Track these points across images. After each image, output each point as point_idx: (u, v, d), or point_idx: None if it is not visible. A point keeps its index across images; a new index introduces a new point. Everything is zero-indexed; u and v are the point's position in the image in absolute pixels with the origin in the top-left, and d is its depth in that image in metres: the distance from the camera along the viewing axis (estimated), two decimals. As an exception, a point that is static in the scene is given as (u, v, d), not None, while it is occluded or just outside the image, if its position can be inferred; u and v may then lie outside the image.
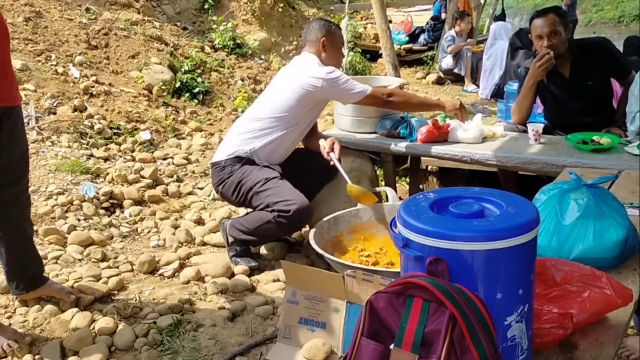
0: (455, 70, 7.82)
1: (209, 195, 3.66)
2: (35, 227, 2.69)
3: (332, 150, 2.86)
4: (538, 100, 3.39)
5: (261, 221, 2.66)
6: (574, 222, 1.55)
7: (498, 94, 6.83)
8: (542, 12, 3.13)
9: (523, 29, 6.67)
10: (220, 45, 6.59)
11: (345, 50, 6.96)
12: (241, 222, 2.77)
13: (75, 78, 4.67)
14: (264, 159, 2.79)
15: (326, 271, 1.67)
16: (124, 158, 3.98)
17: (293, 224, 2.69)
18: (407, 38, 9.02)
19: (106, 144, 4.10)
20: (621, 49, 3.30)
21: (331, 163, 2.81)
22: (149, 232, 3.21)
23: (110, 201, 3.39)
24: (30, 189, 2.58)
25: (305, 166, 2.96)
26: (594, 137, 2.90)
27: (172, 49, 5.76)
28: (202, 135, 4.70)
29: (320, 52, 2.92)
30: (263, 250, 2.99)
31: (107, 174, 3.64)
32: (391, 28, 5.92)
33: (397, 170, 3.76)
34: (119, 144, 4.16)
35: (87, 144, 3.98)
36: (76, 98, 4.40)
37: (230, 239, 2.83)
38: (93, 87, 4.64)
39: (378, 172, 3.67)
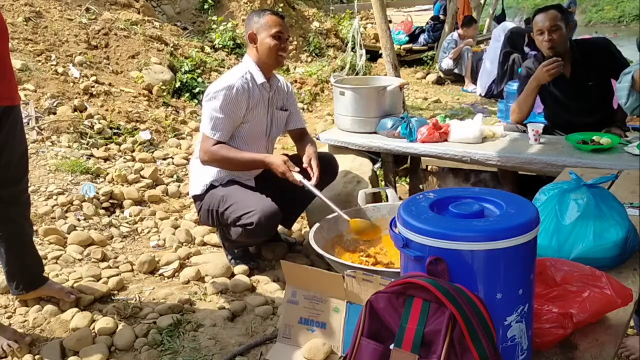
0: (456, 71, 7.83)
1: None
2: (35, 227, 2.69)
3: (310, 166, 2.63)
4: (538, 100, 3.40)
5: (237, 234, 2.59)
6: (574, 222, 1.55)
7: (494, 94, 6.85)
8: (544, 9, 3.13)
9: (514, 31, 6.69)
10: (220, 45, 6.59)
11: (362, 51, 6.92)
12: (226, 231, 2.72)
13: (75, 78, 4.67)
14: (228, 178, 2.70)
15: (326, 271, 1.67)
16: (124, 158, 3.97)
17: (262, 231, 2.54)
18: (407, 38, 9.02)
19: (106, 144, 4.10)
20: (622, 51, 3.29)
21: (305, 188, 2.49)
22: (149, 232, 3.21)
23: (110, 201, 3.39)
24: (30, 189, 2.58)
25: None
26: (594, 137, 2.90)
27: (172, 49, 5.76)
28: (202, 135, 4.70)
29: (252, 48, 2.66)
30: (263, 250, 2.99)
31: (107, 174, 3.63)
32: (391, 28, 5.92)
33: (397, 170, 3.76)
34: (119, 144, 4.16)
35: (87, 144, 3.98)
36: (76, 98, 4.40)
37: (226, 243, 2.86)
38: (93, 87, 4.64)
39: (378, 172, 3.67)
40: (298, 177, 2.48)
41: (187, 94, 5.33)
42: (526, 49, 6.48)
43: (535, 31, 3.12)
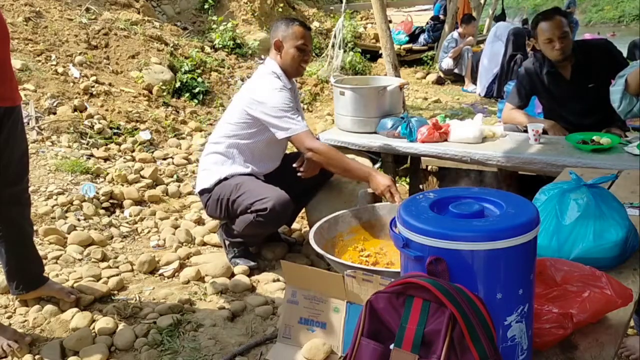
0: (456, 70, 7.83)
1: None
2: (35, 227, 2.69)
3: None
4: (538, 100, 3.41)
5: (245, 223, 2.63)
6: (574, 222, 1.55)
7: (495, 93, 6.85)
8: (548, 16, 3.08)
9: (516, 33, 6.70)
10: (220, 45, 6.60)
11: (340, 51, 6.97)
12: (231, 226, 2.76)
13: (75, 78, 4.67)
14: (239, 173, 2.74)
15: (326, 271, 1.67)
16: (124, 158, 3.98)
17: (274, 220, 2.63)
18: (407, 38, 9.02)
19: (106, 144, 4.10)
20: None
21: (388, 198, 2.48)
22: (149, 232, 3.21)
23: (110, 201, 3.39)
24: (30, 189, 2.58)
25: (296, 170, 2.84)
26: (594, 137, 2.90)
27: (172, 49, 5.76)
28: (202, 135, 4.70)
29: (276, 55, 2.75)
30: (263, 250, 2.99)
31: (107, 174, 3.64)
32: (391, 28, 5.92)
33: (397, 170, 3.75)
34: (119, 144, 4.16)
35: (87, 144, 3.98)
36: (76, 98, 4.40)
37: (227, 242, 2.86)
38: (93, 87, 4.64)
39: (378, 172, 3.66)
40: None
41: (187, 94, 5.33)
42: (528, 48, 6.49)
43: (543, 39, 3.06)
